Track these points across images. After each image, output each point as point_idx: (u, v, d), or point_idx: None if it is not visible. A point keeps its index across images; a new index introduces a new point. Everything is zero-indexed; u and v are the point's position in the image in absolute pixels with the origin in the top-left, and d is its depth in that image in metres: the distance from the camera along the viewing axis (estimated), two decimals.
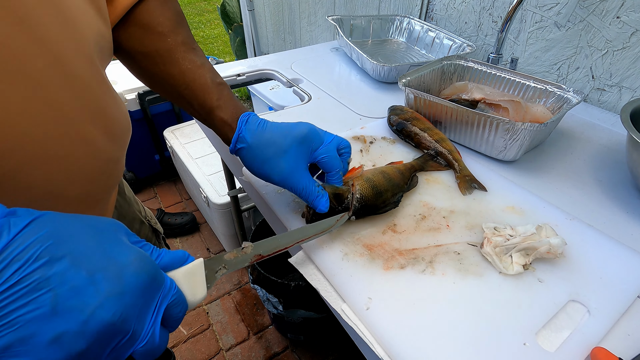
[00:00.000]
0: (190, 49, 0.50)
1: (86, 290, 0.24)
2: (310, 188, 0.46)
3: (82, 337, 0.24)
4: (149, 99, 1.76)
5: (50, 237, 0.24)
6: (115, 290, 0.25)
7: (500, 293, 0.41)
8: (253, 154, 0.46)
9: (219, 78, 0.50)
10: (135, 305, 0.26)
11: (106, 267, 0.26)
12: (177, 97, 0.50)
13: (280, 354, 1.31)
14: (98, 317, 0.24)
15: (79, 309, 0.24)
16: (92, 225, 0.27)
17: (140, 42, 0.48)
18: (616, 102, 0.77)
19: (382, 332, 0.38)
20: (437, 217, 0.51)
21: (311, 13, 1.64)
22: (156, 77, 0.50)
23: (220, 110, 0.48)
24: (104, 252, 0.26)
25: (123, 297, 0.26)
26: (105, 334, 0.25)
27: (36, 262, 0.23)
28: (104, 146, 0.43)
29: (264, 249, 0.40)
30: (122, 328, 0.26)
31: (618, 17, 0.71)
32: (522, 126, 0.56)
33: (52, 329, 0.23)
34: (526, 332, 0.38)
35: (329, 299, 0.43)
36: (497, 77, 0.74)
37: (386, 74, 0.88)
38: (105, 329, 0.25)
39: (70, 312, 0.24)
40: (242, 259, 0.38)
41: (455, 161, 0.59)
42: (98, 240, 0.27)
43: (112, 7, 0.46)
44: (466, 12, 0.98)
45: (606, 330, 0.38)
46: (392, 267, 0.44)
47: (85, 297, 0.24)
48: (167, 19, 0.49)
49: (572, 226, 0.49)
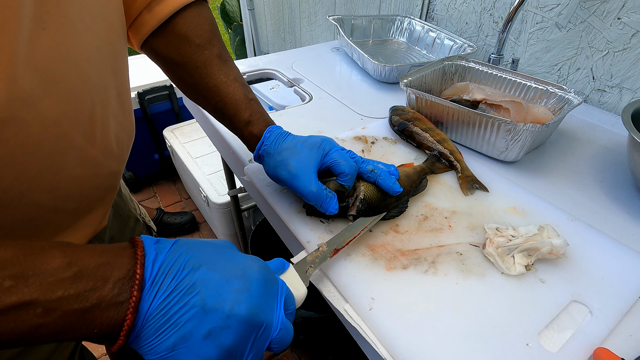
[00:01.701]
0: (224, 61, 0.52)
1: (223, 289, 0.29)
2: (319, 191, 0.46)
3: (228, 330, 0.28)
4: (148, 97, 1.75)
5: (188, 252, 0.29)
6: (244, 286, 0.30)
7: (502, 294, 0.42)
8: (271, 159, 0.49)
9: (251, 93, 0.52)
10: (262, 298, 0.31)
11: (233, 269, 0.30)
12: (210, 107, 0.53)
13: (279, 353, 1.31)
14: (237, 311, 0.28)
15: (220, 306, 0.28)
16: (212, 243, 0.32)
17: (178, 52, 0.50)
18: (617, 103, 0.77)
19: (385, 332, 0.38)
20: (439, 217, 0.51)
21: (311, 13, 1.64)
22: (191, 87, 0.52)
23: (252, 126, 0.50)
24: (228, 259, 0.31)
25: (251, 291, 0.30)
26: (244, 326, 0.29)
27: (184, 271, 0.28)
28: (106, 163, 0.44)
29: (337, 243, 0.44)
30: (257, 320, 0.29)
31: (619, 18, 0.71)
32: (524, 127, 0.56)
33: (204, 326, 0.27)
34: (529, 332, 0.38)
35: (332, 299, 0.43)
36: (498, 78, 0.74)
37: (387, 74, 0.88)
38: (244, 321, 0.29)
39: (214, 310, 0.27)
40: (322, 257, 0.42)
41: (457, 162, 0.59)
42: (220, 252, 0.32)
43: (151, 15, 0.47)
44: (467, 12, 0.98)
45: (608, 330, 0.38)
46: (394, 268, 0.44)
47: (223, 296, 0.28)
48: (204, 31, 0.50)
49: (573, 227, 0.50)
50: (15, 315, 0.23)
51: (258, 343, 0.30)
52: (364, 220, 0.48)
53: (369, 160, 0.52)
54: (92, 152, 0.41)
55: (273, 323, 0.31)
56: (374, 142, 0.67)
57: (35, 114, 0.33)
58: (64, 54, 0.34)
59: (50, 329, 0.24)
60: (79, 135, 0.38)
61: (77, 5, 0.35)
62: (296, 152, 0.47)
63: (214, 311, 0.28)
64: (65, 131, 0.36)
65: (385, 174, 0.50)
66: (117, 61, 0.44)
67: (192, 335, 0.27)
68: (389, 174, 0.50)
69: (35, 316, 0.23)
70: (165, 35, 0.49)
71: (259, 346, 0.30)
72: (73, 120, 0.37)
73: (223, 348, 0.28)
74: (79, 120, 0.38)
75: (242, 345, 0.29)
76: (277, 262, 0.38)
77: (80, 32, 0.36)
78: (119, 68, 0.44)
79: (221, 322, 0.28)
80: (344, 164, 0.47)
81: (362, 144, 0.66)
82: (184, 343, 0.27)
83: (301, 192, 0.46)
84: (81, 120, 0.38)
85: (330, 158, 0.48)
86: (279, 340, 0.32)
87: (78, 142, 0.39)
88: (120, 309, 0.26)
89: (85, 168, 0.41)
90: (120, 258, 0.27)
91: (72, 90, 0.36)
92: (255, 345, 0.30)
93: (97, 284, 0.25)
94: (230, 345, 0.28)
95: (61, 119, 0.36)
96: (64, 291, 0.24)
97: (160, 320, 0.26)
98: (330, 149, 0.49)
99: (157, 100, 1.80)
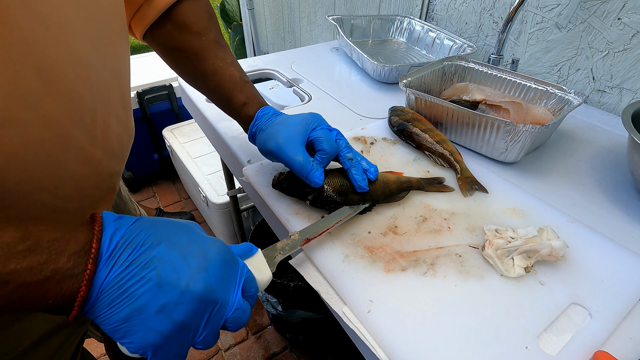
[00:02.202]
0: (221, 46, 0.54)
1: (180, 266, 0.30)
2: (305, 161, 0.47)
3: (181, 306, 0.29)
4: (147, 97, 1.75)
5: (149, 230, 0.30)
6: (202, 265, 0.31)
7: (501, 296, 0.41)
8: (263, 134, 0.51)
9: (245, 76, 0.55)
10: (219, 278, 0.31)
11: (193, 249, 0.31)
12: (208, 91, 0.56)
13: (279, 354, 1.31)
14: (192, 288, 0.29)
15: (176, 282, 0.29)
16: (176, 222, 0.33)
17: (176, 40, 0.53)
18: (616, 103, 0.77)
19: (384, 335, 0.38)
20: (438, 218, 0.51)
21: (311, 12, 1.64)
22: (190, 72, 0.55)
23: (247, 107, 0.53)
24: (189, 239, 0.32)
25: (208, 271, 0.31)
26: (198, 303, 0.30)
27: (143, 247, 0.29)
28: (107, 162, 0.45)
29: (310, 233, 0.45)
30: (212, 298, 0.30)
31: (619, 18, 0.70)
32: (524, 128, 0.56)
33: (158, 300, 0.28)
34: (528, 335, 0.38)
35: (330, 301, 0.43)
36: (498, 78, 0.74)
37: (387, 75, 0.88)
38: (198, 298, 0.29)
39: (170, 285, 0.29)
40: (292, 245, 0.43)
41: (457, 162, 0.59)
42: (183, 232, 0.32)
43: (151, 8, 0.50)
44: (467, 12, 0.98)
45: (608, 333, 0.38)
46: (393, 270, 0.44)
47: (180, 273, 0.29)
48: (201, 18, 0.53)
49: (573, 228, 0.49)
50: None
51: (213, 320, 0.31)
52: (340, 213, 0.49)
53: (354, 151, 0.52)
54: (93, 151, 0.41)
55: (229, 303, 0.32)
56: (373, 142, 0.67)
57: (37, 114, 0.33)
58: (66, 53, 0.34)
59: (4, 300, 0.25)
60: (80, 135, 0.39)
61: (78, 6, 0.35)
62: (285, 125, 0.49)
63: (169, 287, 0.29)
64: (66, 130, 0.36)
65: (359, 168, 0.50)
66: (118, 61, 0.44)
67: (146, 309, 0.28)
68: (362, 170, 0.51)
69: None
70: (165, 25, 0.52)
71: (214, 324, 0.31)
72: (74, 119, 0.37)
73: (176, 323, 0.29)
74: (80, 119, 0.38)
75: (195, 322, 0.30)
76: (245, 246, 0.39)
77: (80, 32, 0.36)
78: (119, 68, 0.44)
79: (175, 297, 0.29)
80: (326, 143, 0.49)
81: (361, 145, 0.66)
82: (138, 315, 0.28)
83: (288, 162, 0.47)
84: (82, 119, 0.38)
85: (315, 134, 0.49)
86: (234, 320, 0.33)
87: (79, 141, 0.39)
88: (74, 281, 0.26)
89: (87, 167, 0.41)
90: (77, 233, 0.28)
91: (73, 89, 0.36)
92: (210, 323, 0.31)
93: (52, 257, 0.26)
94: (183, 321, 0.29)
95: (62, 118, 0.36)
96: (16, 264, 0.25)
97: (115, 293, 0.27)
98: (317, 126, 0.50)
99: (157, 100, 1.79)
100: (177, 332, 0.29)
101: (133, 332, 0.28)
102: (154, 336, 0.28)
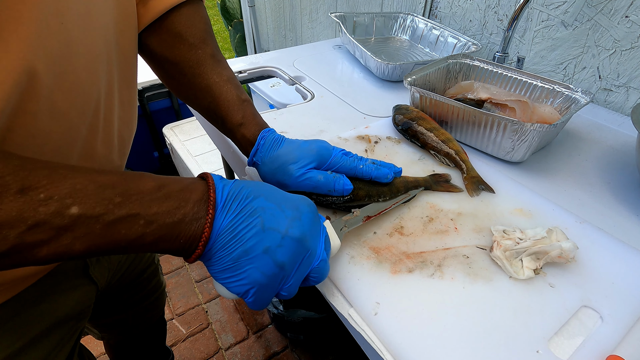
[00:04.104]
0: (217, 61, 0.51)
1: (279, 215, 0.34)
2: (326, 179, 0.46)
3: (282, 249, 0.33)
4: (148, 95, 1.74)
5: (249, 187, 0.34)
6: (296, 215, 0.35)
7: (511, 298, 0.41)
8: (267, 167, 0.49)
9: (244, 95, 0.51)
10: (310, 228, 0.35)
11: (287, 202, 0.35)
12: (201, 107, 0.52)
13: (279, 353, 1.30)
14: (291, 233, 0.33)
15: (277, 228, 0.33)
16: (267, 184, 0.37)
17: (171, 51, 0.49)
18: (623, 102, 0.76)
19: (391, 337, 0.37)
20: (444, 219, 0.50)
21: (312, 10, 1.63)
22: (183, 86, 0.52)
23: (244, 128, 0.50)
24: (282, 195, 0.36)
25: (302, 220, 0.35)
26: (297, 247, 0.34)
27: (247, 199, 0.33)
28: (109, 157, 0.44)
29: (370, 212, 0.47)
30: (305, 245, 0.34)
31: (627, 16, 0.70)
32: (531, 127, 0.55)
33: (263, 243, 0.32)
34: (538, 339, 0.37)
35: (336, 303, 0.42)
36: (504, 77, 0.73)
37: (390, 73, 0.87)
38: (296, 241, 0.33)
39: (272, 230, 0.33)
40: (355, 220, 0.46)
41: (463, 162, 0.58)
42: (274, 189, 0.37)
43: (145, 10, 0.47)
44: (471, 10, 0.97)
45: (620, 337, 0.37)
46: (400, 271, 0.43)
47: (279, 220, 0.33)
48: (199, 30, 0.50)
49: (582, 230, 0.49)
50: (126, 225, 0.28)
51: (302, 267, 0.35)
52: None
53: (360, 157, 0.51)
54: (95, 145, 0.41)
55: (316, 252, 0.36)
56: (377, 141, 0.66)
57: (46, 105, 0.33)
58: (77, 48, 0.34)
59: (150, 238, 0.29)
60: (84, 128, 0.38)
61: (91, 2, 0.35)
62: (293, 157, 0.47)
63: (272, 231, 0.33)
64: (73, 123, 0.36)
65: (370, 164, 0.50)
66: (124, 55, 0.43)
67: (253, 250, 0.32)
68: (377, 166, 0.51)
69: (139, 226, 0.28)
70: (160, 32, 0.49)
71: (303, 269, 0.35)
72: (80, 112, 0.37)
73: (277, 263, 0.33)
74: (85, 112, 0.38)
75: (291, 264, 0.34)
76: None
77: (91, 27, 0.36)
78: (125, 62, 0.44)
79: (277, 241, 0.33)
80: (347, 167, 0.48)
81: (365, 144, 0.65)
82: (246, 256, 0.32)
83: (312, 188, 0.46)
84: (87, 112, 0.38)
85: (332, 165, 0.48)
86: (318, 270, 0.36)
87: (83, 134, 0.39)
88: (199, 224, 0.31)
89: (89, 161, 0.41)
90: (196, 185, 0.33)
91: (81, 83, 0.36)
92: (300, 269, 0.35)
93: (181, 203, 0.30)
94: (283, 262, 0.33)
95: (70, 111, 0.36)
96: (158, 208, 0.29)
97: (228, 236, 0.32)
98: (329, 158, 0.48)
99: (157, 97, 1.78)
100: (275, 273, 0.33)
101: (241, 271, 0.32)
102: (258, 275, 0.32)
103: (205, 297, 1.48)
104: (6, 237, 0.24)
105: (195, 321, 1.40)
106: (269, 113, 0.75)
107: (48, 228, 0.25)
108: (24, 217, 0.24)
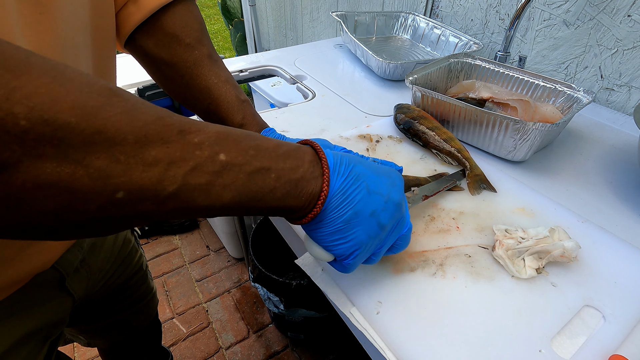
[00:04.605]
0: (214, 61, 0.50)
1: (379, 181, 0.35)
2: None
3: (385, 212, 0.34)
4: (148, 94, 1.74)
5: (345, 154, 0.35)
6: (391, 182, 0.36)
7: (513, 298, 0.40)
8: None
9: (242, 95, 0.51)
10: (403, 195, 0.37)
11: (381, 170, 0.36)
12: (200, 109, 0.51)
13: (280, 352, 1.30)
14: (392, 198, 0.35)
15: (380, 192, 0.34)
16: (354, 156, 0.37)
17: (167, 52, 0.49)
18: (625, 102, 0.76)
19: (393, 336, 0.37)
20: (446, 218, 0.50)
21: (313, 9, 1.63)
22: (181, 87, 0.51)
23: (244, 128, 0.50)
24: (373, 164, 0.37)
25: (397, 187, 0.36)
26: (397, 211, 0.35)
27: (350, 165, 0.34)
28: None
29: (427, 191, 0.51)
30: (401, 210, 0.36)
31: (629, 15, 0.69)
32: (533, 126, 0.55)
33: (369, 206, 0.33)
34: (541, 338, 0.37)
35: (337, 302, 0.42)
36: (505, 76, 0.73)
37: (392, 72, 0.87)
38: (397, 205, 0.35)
39: (376, 194, 0.34)
40: (414, 199, 0.48)
41: (466, 159, 0.58)
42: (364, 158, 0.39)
43: (137, 7, 0.45)
44: (472, 9, 0.97)
45: (623, 336, 0.37)
46: (402, 270, 0.43)
47: (380, 186, 0.35)
48: (194, 30, 0.49)
49: (584, 229, 0.48)
50: (261, 176, 0.28)
51: (394, 232, 0.36)
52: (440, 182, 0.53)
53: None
54: None
55: (406, 219, 0.38)
56: (378, 140, 0.66)
57: None
58: (61, 38, 0.34)
59: (279, 193, 0.29)
60: None
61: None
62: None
63: (376, 195, 0.34)
64: None
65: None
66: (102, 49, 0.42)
67: (362, 212, 0.33)
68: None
69: (271, 180, 0.29)
70: (154, 33, 0.48)
71: (394, 235, 0.37)
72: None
73: (380, 225, 0.34)
74: None
75: (389, 228, 0.35)
76: None
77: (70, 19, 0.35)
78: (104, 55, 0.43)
79: (382, 204, 0.34)
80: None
81: (366, 143, 0.65)
82: (356, 218, 0.33)
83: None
84: None
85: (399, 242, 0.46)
86: (404, 238, 0.38)
87: None
88: (316, 182, 0.32)
89: None
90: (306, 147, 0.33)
91: None
92: (393, 233, 0.36)
93: (299, 162, 0.31)
94: (385, 225, 0.34)
95: None
96: (284, 164, 0.30)
97: (341, 198, 0.32)
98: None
99: (157, 96, 1.78)
100: (378, 235, 0.34)
101: (350, 233, 0.33)
102: (364, 237, 0.33)
103: (205, 296, 1.48)
104: (175, 176, 0.24)
105: (195, 320, 1.39)
106: (270, 112, 0.75)
107: (204, 172, 0.25)
108: (186, 158, 0.24)
